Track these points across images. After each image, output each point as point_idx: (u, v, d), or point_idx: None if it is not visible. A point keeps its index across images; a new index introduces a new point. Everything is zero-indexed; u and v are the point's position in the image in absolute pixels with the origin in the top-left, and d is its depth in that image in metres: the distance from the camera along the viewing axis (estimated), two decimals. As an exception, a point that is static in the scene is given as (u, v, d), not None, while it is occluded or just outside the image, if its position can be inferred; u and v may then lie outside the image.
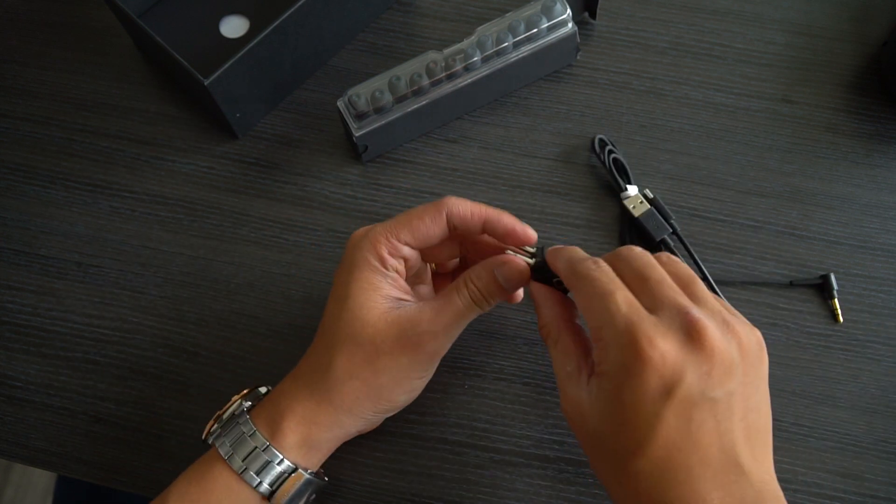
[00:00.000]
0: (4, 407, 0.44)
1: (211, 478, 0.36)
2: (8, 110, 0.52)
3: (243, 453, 0.36)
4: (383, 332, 0.36)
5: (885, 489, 0.42)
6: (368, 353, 0.36)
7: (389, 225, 0.37)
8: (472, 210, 0.38)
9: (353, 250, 0.38)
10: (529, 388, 0.44)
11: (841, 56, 0.53)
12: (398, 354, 0.36)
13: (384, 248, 0.37)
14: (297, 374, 0.38)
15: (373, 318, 0.36)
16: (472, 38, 0.48)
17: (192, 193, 0.49)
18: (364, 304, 0.36)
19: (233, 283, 0.47)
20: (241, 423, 0.37)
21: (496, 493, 0.42)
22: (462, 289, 0.37)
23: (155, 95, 0.53)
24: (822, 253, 0.47)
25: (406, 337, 0.36)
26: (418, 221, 0.37)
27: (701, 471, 0.29)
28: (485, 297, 0.37)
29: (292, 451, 0.36)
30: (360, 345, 0.36)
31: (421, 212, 0.37)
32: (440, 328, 0.36)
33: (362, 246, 0.37)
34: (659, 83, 0.52)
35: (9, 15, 0.55)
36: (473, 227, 0.38)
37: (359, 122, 0.47)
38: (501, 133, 0.51)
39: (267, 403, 0.38)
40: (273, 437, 0.36)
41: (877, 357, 0.45)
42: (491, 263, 0.37)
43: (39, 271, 0.47)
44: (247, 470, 0.35)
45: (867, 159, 0.50)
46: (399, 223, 0.37)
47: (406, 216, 0.38)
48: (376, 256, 0.37)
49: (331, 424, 0.37)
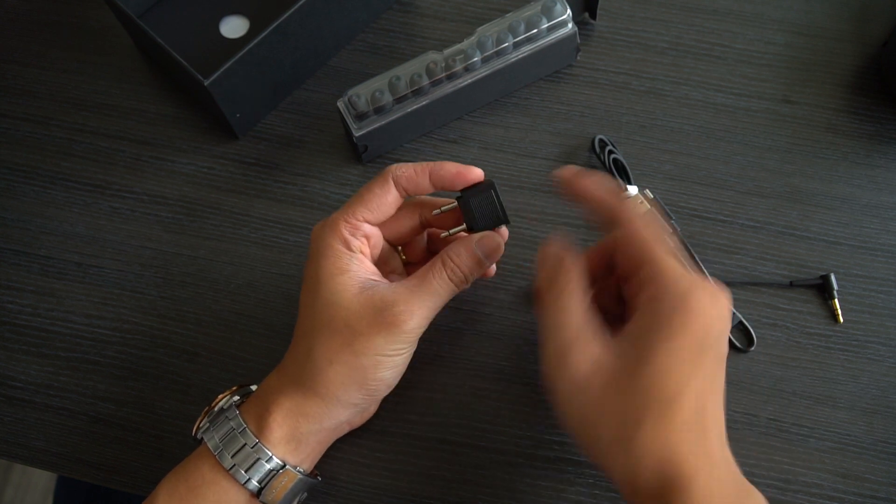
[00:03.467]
0: (4, 407, 0.44)
1: (200, 475, 0.36)
2: (8, 110, 0.52)
3: (232, 450, 0.36)
4: (357, 314, 0.36)
5: (885, 489, 0.42)
6: (345, 336, 0.36)
7: (344, 208, 0.38)
8: (414, 168, 0.39)
9: (315, 241, 0.38)
10: (529, 388, 0.44)
11: (841, 56, 0.53)
12: (374, 334, 0.36)
13: (345, 230, 0.37)
14: (281, 368, 0.38)
15: (345, 301, 0.36)
16: (472, 39, 0.48)
17: (192, 193, 0.49)
18: (334, 288, 0.36)
19: (233, 283, 0.47)
20: (230, 419, 0.37)
21: (496, 493, 0.42)
22: (439, 267, 0.37)
23: (155, 95, 0.53)
24: (822, 253, 0.47)
25: (381, 316, 0.36)
26: (368, 194, 0.38)
27: (714, 427, 0.32)
28: (464, 273, 0.38)
29: (280, 447, 0.36)
30: (337, 329, 0.36)
31: (369, 185, 0.38)
32: (417, 306, 0.36)
33: (323, 234, 0.38)
34: (659, 83, 0.52)
35: (9, 15, 0.55)
36: (422, 185, 0.39)
37: (359, 123, 0.47)
38: (501, 133, 0.51)
39: (254, 399, 0.38)
40: (261, 433, 0.36)
41: (877, 357, 0.45)
42: (468, 240, 0.38)
43: (39, 271, 0.48)
44: (236, 467, 0.35)
45: (867, 159, 0.50)
46: (352, 203, 0.38)
47: (357, 195, 0.38)
48: (339, 240, 0.37)
49: (319, 416, 0.37)
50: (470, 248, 0.38)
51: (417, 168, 0.38)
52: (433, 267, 0.37)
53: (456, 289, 0.38)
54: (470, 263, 0.38)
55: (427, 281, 0.37)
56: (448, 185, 0.39)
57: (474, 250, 0.38)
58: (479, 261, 0.38)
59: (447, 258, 0.38)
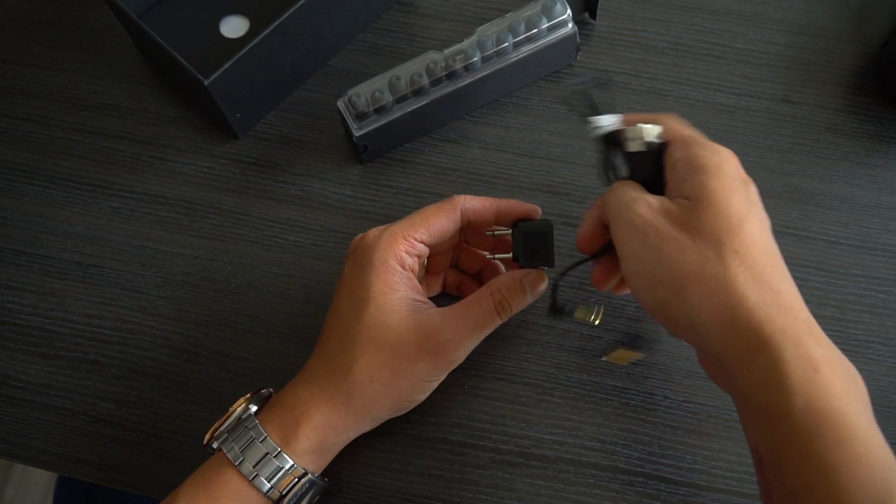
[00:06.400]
0: (4, 407, 0.44)
1: (221, 483, 0.35)
2: (8, 110, 0.52)
3: (254, 458, 0.35)
4: (405, 338, 0.36)
5: (885, 489, 0.42)
6: (390, 357, 0.36)
7: (405, 224, 0.38)
8: (483, 203, 0.40)
9: (367, 251, 0.38)
10: (529, 388, 0.44)
11: (841, 56, 0.53)
12: (419, 360, 0.36)
13: (402, 248, 0.37)
14: (311, 377, 0.38)
15: (394, 322, 0.36)
16: (473, 39, 0.48)
17: (192, 193, 0.49)
18: (385, 306, 0.36)
19: (233, 283, 0.47)
20: (250, 428, 0.36)
21: (496, 493, 0.42)
22: (488, 298, 0.37)
23: (155, 95, 0.53)
24: (822, 253, 0.47)
25: (429, 344, 0.36)
26: (434, 219, 0.38)
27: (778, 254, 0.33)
28: (511, 306, 0.38)
29: (305, 457, 0.36)
30: (382, 349, 0.36)
31: (436, 209, 0.39)
32: (464, 336, 0.37)
33: (380, 246, 0.37)
34: (659, 83, 0.52)
35: (9, 15, 0.55)
36: (488, 220, 0.40)
37: (359, 122, 0.47)
38: (501, 133, 0.51)
39: (278, 408, 0.37)
40: (286, 443, 0.36)
41: (877, 357, 0.45)
42: (517, 274, 0.39)
43: (39, 271, 0.47)
44: (258, 476, 0.35)
45: (867, 159, 0.50)
46: (415, 221, 0.38)
47: (421, 215, 0.38)
48: (395, 256, 0.37)
49: (347, 428, 0.37)
50: (519, 283, 0.38)
51: (486, 203, 0.39)
52: (482, 298, 0.38)
53: (499, 319, 0.38)
54: (517, 297, 0.38)
55: (475, 311, 0.37)
56: (509, 223, 0.41)
57: (524, 285, 0.38)
58: (524, 295, 0.38)
59: (496, 290, 0.38)
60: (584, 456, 0.42)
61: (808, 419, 0.28)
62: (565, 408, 0.44)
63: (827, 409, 0.28)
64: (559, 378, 0.44)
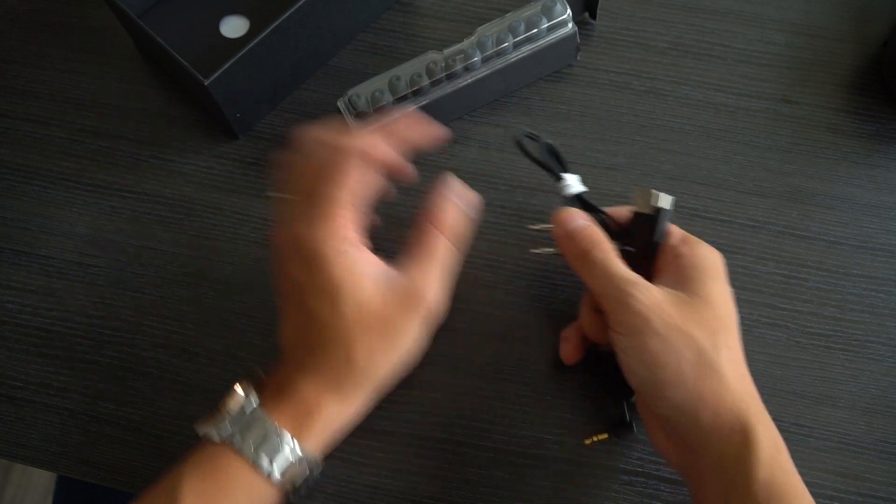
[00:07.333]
0: (4, 407, 0.44)
1: (228, 473, 0.35)
2: (8, 110, 0.52)
3: (264, 447, 0.35)
4: (387, 307, 0.36)
5: (885, 489, 0.42)
6: (380, 331, 0.36)
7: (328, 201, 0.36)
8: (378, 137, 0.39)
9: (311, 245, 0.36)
10: (529, 388, 0.44)
11: (841, 56, 0.53)
12: (406, 320, 0.36)
13: (347, 229, 0.36)
14: (313, 371, 0.37)
15: (370, 298, 0.36)
16: (473, 39, 0.48)
17: (192, 193, 0.49)
18: (358, 290, 0.36)
19: (233, 283, 0.47)
20: (259, 419, 0.36)
21: (496, 493, 0.42)
22: (437, 234, 0.38)
23: (155, 95, 0.53)
24: (822, 253, 0.47)
25: (407, 301, 0.36)
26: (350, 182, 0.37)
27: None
28: (455, 229, 0.39)
29: (318, 449, 0.37)
30: (370, 327, 0.36)
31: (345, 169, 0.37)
32: (431, 277, 0.37)
33: (323, 238, 0.36)
34: (659, 83, 0.52)
35: (9, 15, 0.55)
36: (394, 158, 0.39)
37: (359, 123, 0.47)
38: (501, 133, 0.51)
39: (283, 401, 0.37)
40: (301, 437, 0.36)
41: (877, 357, 0.45)
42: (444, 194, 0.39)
43: (39, 271, 0.47)
44: (268, 464, 0.35)
45: (867, 159, 0.50)
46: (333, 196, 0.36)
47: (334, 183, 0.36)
48: (345, 240, 0.36)
49: (357, 414, 0.38)
50: (454, 205, 0.39)
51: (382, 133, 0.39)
52: (427, 233, 0.38)
53: (455, 249, 0.39)
54: (460, 219, 0.39)
55: (428, 249, 0.38)
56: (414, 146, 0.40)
57: (455, 203, 0.39)
58: (462, 213, 0.39)
59: (438, 223, 0.38)
60: (583, 456, 0.42)
61: (767, 491, 0.33)
62: (565, 408, 0.44)
63: (786, 483, 0.34)
64: (559, 378, 0.44)
